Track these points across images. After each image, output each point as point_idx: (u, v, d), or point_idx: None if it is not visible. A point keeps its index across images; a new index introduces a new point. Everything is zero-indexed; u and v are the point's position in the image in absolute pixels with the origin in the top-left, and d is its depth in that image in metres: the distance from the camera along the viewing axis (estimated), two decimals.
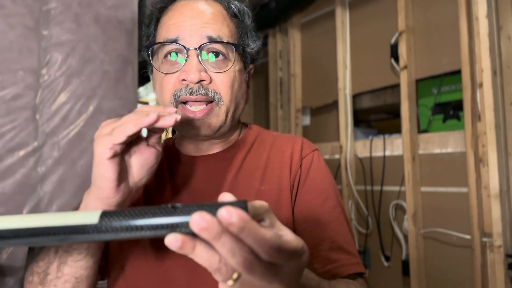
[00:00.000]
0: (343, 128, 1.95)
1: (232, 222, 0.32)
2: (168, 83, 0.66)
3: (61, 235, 0.36)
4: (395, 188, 1.73)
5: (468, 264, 1.43)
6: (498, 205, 1.33)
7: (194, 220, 0.32)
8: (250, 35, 0.73)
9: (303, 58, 2.32)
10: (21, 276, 1.59)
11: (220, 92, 0.66)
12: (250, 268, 0.34)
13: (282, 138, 0.75)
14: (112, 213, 0.36)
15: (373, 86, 1.88)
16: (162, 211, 0.35)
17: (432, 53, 1.62)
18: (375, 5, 1.88)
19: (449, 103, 1.60)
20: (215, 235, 0.32)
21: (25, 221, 0.37)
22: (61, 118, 1.74)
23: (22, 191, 1.64)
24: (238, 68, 0.69)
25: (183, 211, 0.35)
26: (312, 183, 0.69)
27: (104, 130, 0.51)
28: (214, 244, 0.33)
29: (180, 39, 0.65)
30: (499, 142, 1.35)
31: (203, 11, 0.67)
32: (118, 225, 0.35)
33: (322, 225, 0.66)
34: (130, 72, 1.94)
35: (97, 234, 0.35)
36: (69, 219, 0.36)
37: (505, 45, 1.41)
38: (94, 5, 1.84)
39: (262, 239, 0.34)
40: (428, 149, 1.61)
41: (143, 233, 0.35)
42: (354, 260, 0.66)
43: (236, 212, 0.32)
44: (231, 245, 0.33)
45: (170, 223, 0.34)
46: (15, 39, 1.66)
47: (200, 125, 0.66)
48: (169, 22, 0.67)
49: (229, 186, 0.68)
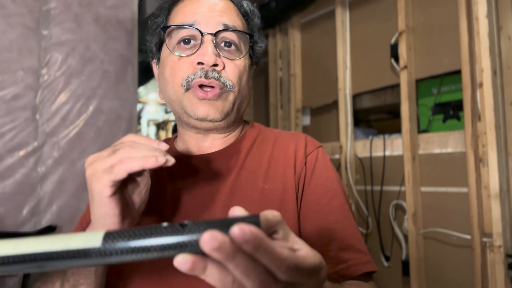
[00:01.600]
0: (343, 128, 1.95)
1: (246, 240, 0.30)
2: (181, 67, 0.66)
3: (61, 260, 0.33)
4: (395, 188, 1.73)
5: (468, 264, 1.43)
6: (498, 205, 1.33)
7: (205, 240, 0.30)
8: (258, 34, 0.74)
9: (303, 58, 2.32)
10: (21, 275, 1.59)
11: (232, 80, 0.66)
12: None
13: (285, 135, 0.74)
14: (116, 234, 0.33)
15: (373, 86, 1.88)
16: (170, 230, 0.33)
17: (432, 53, 1.62)
18: (375, 5, 1.88)
19: (449, 103, 1.60)
20: (228, 255, 0.30)
21: (22, 246, 0.34)
22: (61, 118, 1.74)
23: (22, 191, 1.64)
24: (247, 62, 0.70)
25: (192, 230, 0.32)
26: (318, 181, 0.68)
27: (98, 165, 0.49)
28: (227, 265, 0.31)
29: (197, 24, 0.65)
30: (499, 142, 1.35)
31: (218, 3, 0.68)
32: (123, 247, 0.33)
33: (331, 224, 0.65)
34: (130, 72, 1.94)
35: (101, 258, 0.33)
36: (70, 243, 0.33)
37: (505, 45, 1.41)
38: (94, 5, 1.84)
39: (279, 259, 0.32)
40: (428, 149, 1.61)
41: (150, 254, 0.33)
42: (365, 258, 0.64)
43: (250, 229, 0.30)
44: (245, 265, 0.31)
45: (179, 243, 0.32)
46: (15, 39, 1.66)
47: (209, 107, 0.65)
48: (185, 8, 0.68)
49: (231, 185, 0.67)
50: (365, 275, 0.64)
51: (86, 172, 0.50)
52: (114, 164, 0.47)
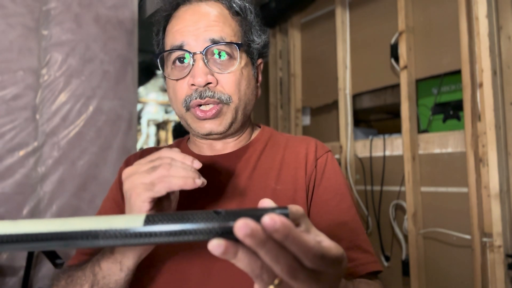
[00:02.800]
0: (343, 128, 1.95)
1: (277, 229, 0.32)
2: (180, 88, 0.69)
3: (106, 239, 0.36)
4: (395, 188, 1.73)
5: (468, 264, 1.43)
6: (498, 205, 1.33)
7: (238, 226, 0.32)
8: (254, 30, 0.74)
9: (303, 58, 2.32)
10: (21, 275, 1.59)
11: (228, 92, 0.68)
12: (294, 275, 0.35)
13: (296, 139, 0.77)
14: (156, 217, 0.36)
15: (373, 86, 1.88)
16: (205, 216, 0.35)
17: (432, 53, 1.62)
18: (375, 5, 1.88)
19: (449, 103, 1.60)
20: (260, 242, 0.33)
21: (69, 225, 0.37)
22: (61, 118, 1.74)
23: (22, 191, 1.64)
24: (244, 65, 0.71)
25: (226, 217, 0.35)
26: (327, 184, 0.71)
27: (138, 180, 0.51)
28: (258, 251, 0.34)
29: (185, 45, 0.67)
30: (499, 142, 1.35)
31: (205, 14, 0.69)
32: (163, 229, 0.35)
33: (339, 225, 0.68)
34: (130, 72, 1.94)
35: (141, 238, 0.36)
36: (113, 223, 0.37)
37: (505, 45, 1.41)
38: (94, 5, 1.84)
39: (306, 247, 0.34)
40: (428, 149, 1.61)
41: (186, 237, 0.35)
42: (372, 258, 0.67)
43: (280, 219, 0.32)
44: (275, 252, 0.33)
45: (213, 228, 0.35)
46: (15, 39, 1.66)
47: (211, 124, 0.68)
48: (173, 29, 0.70)
49: (244, 185, 0.69)
50: (371, 274, 0.67)
51: (124, 185, 0.53)
52: (154, 182, 0.51)
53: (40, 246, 0.37)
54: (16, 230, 0.37)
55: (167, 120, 6.09)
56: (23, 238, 0.36)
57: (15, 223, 0.38)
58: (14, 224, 0.37)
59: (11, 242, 0.36)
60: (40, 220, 0.38)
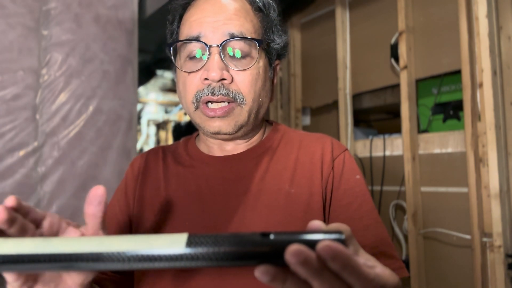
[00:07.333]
0: (343, 128, 1.95)
1: (334, 258, 0.29)
2: (191, 83, 0.65)
3: (144, 262, 0.33)
4: (395, 188, 1.73)
5: (468, 264, 1.43)
6: (498, 205, 1.33)
7: (291, 253, 0.29)
8: (275, 29, 0.70)
9: (303, 58, 2.32)
10: None
11: (242, 92, 0.64)
12: None
13: (310, 137, 0.72)
14: (199, 238, 0.33)
15: (373, 86, 1.88)
16: (252, 240, 0.32)
17: (432, 53, 1.62)
18: (375, 5, 1.88)
19: (449, 103, 1.60)
20: (314, 271, 0.30)
21: (108, 245, 0.34)
22: (61, 118, 1.74)
23: (22, 191, 1.64)
24: (262, 65, 0.66)
25: (276, 241, 0.31)
26: (347, 186, 0.66)
27: None
28: (310, 281, 0.31)
29: (202, 36, 0.63)
30: (499, 142, 1.35)
31: (226, 6, 0.65)
32: (205, 252, 0.32)
33: (361, 230, 0.63)
34: (130, 72, 1.94)
35: (182, 262, 0.32)
36: (154, 244, 0.33)
37: (505, 45, 1.41)
38: (94, 5, 1.84)
39: (365, 279, 0.31)
40: (428, 149, 1.61)
41: (231, 262, 0.32)
42: (397, 264, 0.62)
43: (337, 247, 0.29)
44: (330, 282, 0.30)
45: (261, 253, 0.31)
46: (15, 39, 1.66)
47: (220, 123, 0.64)
48: (191, 19, 0.66)
49: (256, 188, 0.65)
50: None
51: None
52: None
53: (76, 267, 0.34)
54: (53, 249, 0.34)
55: (167, 120, 6.09)
56: (60, 257, 0.34)
57: (49, 240, 0.35)
58: (47, 242, 0.35)
59: (48, 261, 0.34)
60: (76, 239, 0.35)
